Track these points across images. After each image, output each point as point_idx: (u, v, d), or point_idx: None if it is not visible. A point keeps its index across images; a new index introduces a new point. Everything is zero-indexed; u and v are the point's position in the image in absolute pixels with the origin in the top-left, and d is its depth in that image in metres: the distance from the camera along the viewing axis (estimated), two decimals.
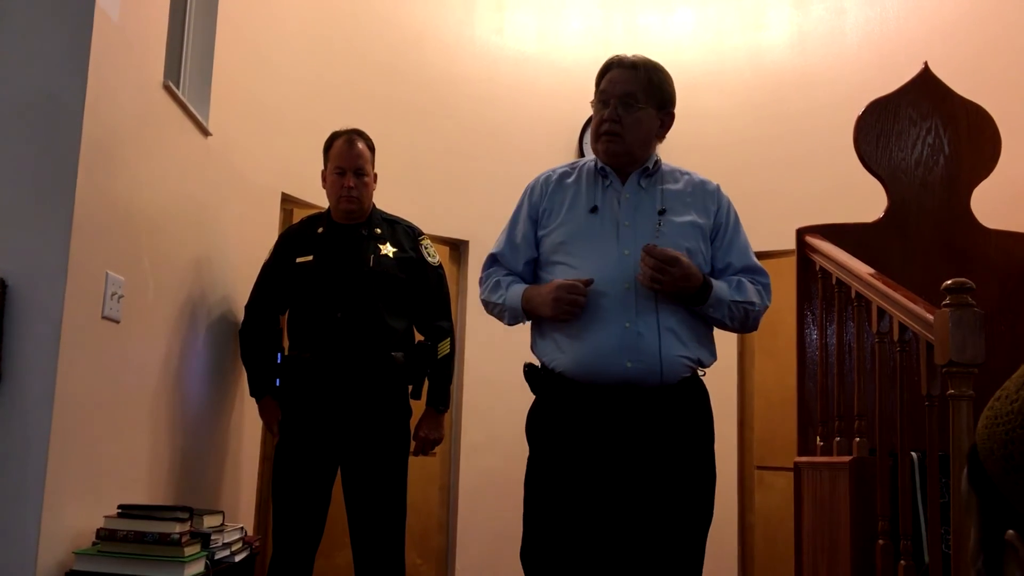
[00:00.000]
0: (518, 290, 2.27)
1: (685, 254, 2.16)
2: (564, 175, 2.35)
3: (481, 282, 2.39)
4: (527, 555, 2.20)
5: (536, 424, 2.26)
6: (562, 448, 2.17)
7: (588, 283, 2.14)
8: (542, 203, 2.32)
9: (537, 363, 2.29)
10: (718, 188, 2.35)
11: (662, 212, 2.23)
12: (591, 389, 2.14)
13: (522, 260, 2.33)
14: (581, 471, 2.14)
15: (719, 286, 2.20)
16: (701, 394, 2.25)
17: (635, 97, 2.26)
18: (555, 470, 2.17)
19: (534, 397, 2.30)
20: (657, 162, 2.32)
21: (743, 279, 2.27)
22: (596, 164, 2.33)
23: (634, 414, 2.13)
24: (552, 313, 2.16)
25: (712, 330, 2.29)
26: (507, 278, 2.33)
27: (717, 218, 2.30)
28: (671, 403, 2.16)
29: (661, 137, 2.37)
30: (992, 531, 0.69)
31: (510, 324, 2.35)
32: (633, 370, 2.11)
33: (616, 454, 2.14)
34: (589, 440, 2.14)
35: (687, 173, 2.37)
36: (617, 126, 2.26)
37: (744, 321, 2.26)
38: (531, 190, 2.38)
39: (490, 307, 2.36)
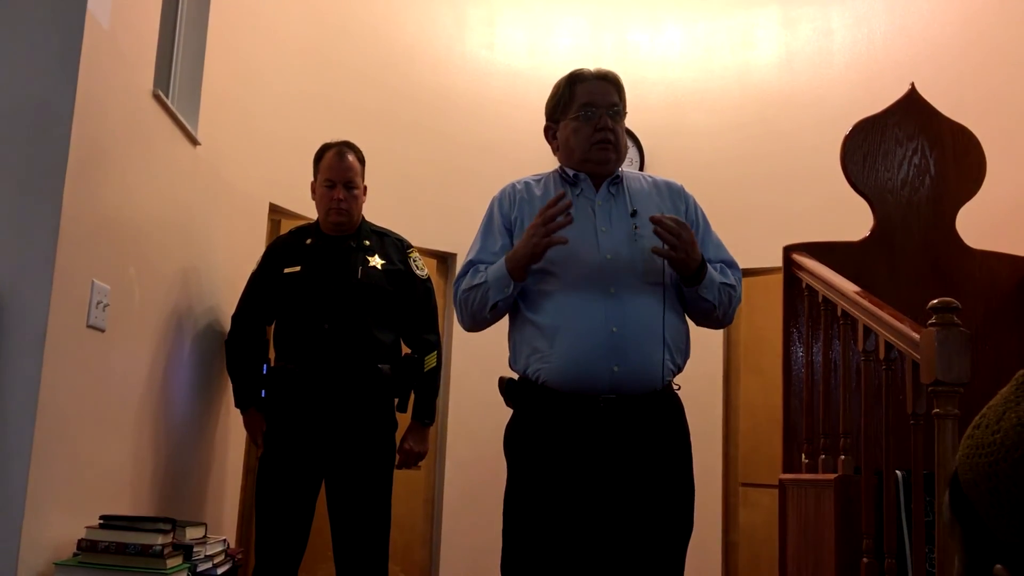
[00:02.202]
0: (500, 261, 2.21)
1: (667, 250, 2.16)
2: (530, 184, 2.36)
3: (456, 289, 2.29)
4: (508, 571, 2.18)
5: (518, 439, 2.22)
6: (546, 463, 2.15)
7: (562, 196, 2.13)
8: (513, 212, 2.31)
9: (514, 377, 2.27)
10: (683, 187, 2.39)
11: (634, 214, 2.25)
12: (576, 399, 2.13)
13: None
14: (565, 485, 2.12)
15: (709, 267, 2.22)
16: (678, 406, 2.25)
17: (619, 107, 2.31)
18: (539, 485, 2.15)
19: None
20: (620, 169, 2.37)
21: (724, 266, 2.31)
22: (564, 173, 2.33)
23: (619, 425, 2.12)
24: (532, 243, 2.10)
25: (689, 335, 2.29)
26: (484, 266, 2.26)
27: (687, 216, 2.32)
28: (654, 414, 2.16)
29: None
30: (978, 562, 0.68)
31: (495, 301, 2.18)
32: (620, 374, 2.11)
33: (600, 467, 2.13)
34: (573, 454, 2.13)
35: (648, 176, 2.41)
36: (612, 135, 2.28)
37: (727, 309, 2.27)
38: (499, 201, 2.36)
39: (471, 295, 2.21)
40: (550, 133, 2.39)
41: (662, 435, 2.17)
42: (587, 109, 2.29)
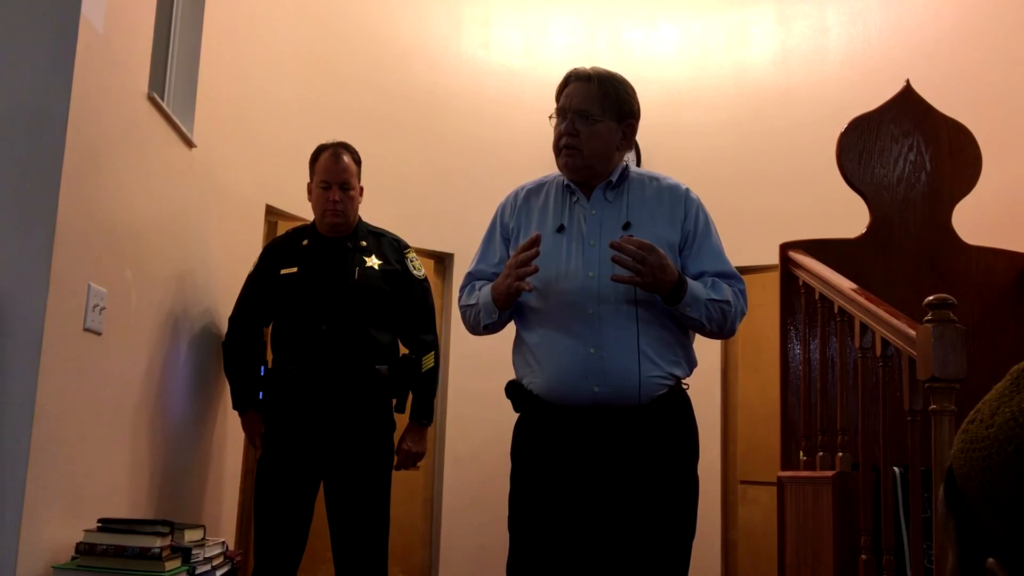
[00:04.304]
0: (488, 288, 2.25)
1: (657, 270, 2.14)
2: (532, 191, 2.34)
3: (460, 298, 2.37)
4: (513, 572, 2.18)
5: (519, 441, 2.25)
6: (544, 466, 2.17)
7: (536, 240, 2.12)
8: (511, 222, 2.31)
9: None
10: (687, 192, 2.29)
11: (627, 227, 2.20)
12: (565, 410, 2.14)
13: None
14: (563, 488, 2.13)
15: (694, 284, 2.15)
16: (682, 408, 2.21)
17: (592, 111, 2.22)
18: (538, 487, 2.17)
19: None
20: (625, 170, 2.28)
21: (718, 280, 2.22)
22: (563, 180, 2.31)
23: (610, 433, 2.13)
24: (507, 283, 2.13)
25: (689, 343, 2.26)
26: (481, 282, 2.31)
27: (685, 225, 2.25)
28: (649, 420, 2.14)
29: (624, 149, 2.31)
30: (971, 556, 0.69)
31: (486, 323, 2.25)
32: (602, 394, 2.10)
33: (595, 472, 2.13)
34: (569, 458, 2.14)
35: (656, 178, 2.32)
36: (575, 140, 2.22)
37: (722, 323, 2.20)
38: (502, 209, 2.37)
39: (467, 312, 2.31)
40: None
41: (658, 442, 2.16)
42: (559, 112, 2.27)
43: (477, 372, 4.49)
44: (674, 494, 2.16)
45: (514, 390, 2.26)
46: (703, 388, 4.68)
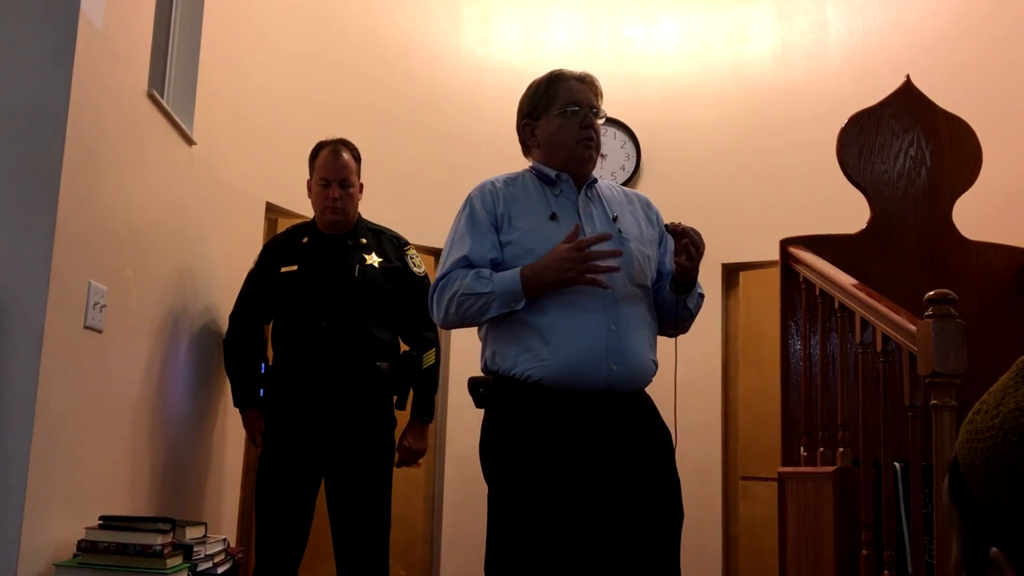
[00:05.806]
0: (509, 272, 2.14)
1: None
2: (508, 182, 2.34)
3: (447, 283, 2.19)
4: (502, 571, 2.13)
5: (503, 439, 2.17)
6: (536, 463, 2.10)
7: (605, 237, 2.13)
8: (497, 208, 2.26)
9: (484, 377, 2.25)
10: (649, 200, 2.44)
11: (615, 219, 2.29)
12: (568, 397, 2.11)
13: (493, 262, 2.21)
14: (558, 484, 2.09)
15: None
16: (653, 402, 2.27)
17: (599, 109, 2.33)
18: (532, 486, 2.09)
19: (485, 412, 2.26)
20: None
21: None
22: (539, 174, 2.31)
23: (609, 422, 2.13)
24: (567, 276, 2.08)
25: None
26: (488, 270, 2.18)
27: (659, 227, 2.38)
28: (640, 411, 2.19)
29: None
30: (975, 546, 0.69)
31: (496, 314, 2.14)
32: (616, 373, 2.12)
33: (592, 463, 2.12)
34: (564, 451, 2.10)
35: (617, 187, 2.46)
36: (595, 134, 2.32)
37: (693, 320, 2.35)
38: (480, 199, 2.30)
39: (470, 299, 2.13)
40: (528, 130, 2.38)
41: (648, 431, 2.19)
42: (572, 107, 2.29)
43: (478, 369, 4.48)
44: (668, 486, 2.18)
45: (495, 385, 2.20)
46: (703, 384, 4.69)
